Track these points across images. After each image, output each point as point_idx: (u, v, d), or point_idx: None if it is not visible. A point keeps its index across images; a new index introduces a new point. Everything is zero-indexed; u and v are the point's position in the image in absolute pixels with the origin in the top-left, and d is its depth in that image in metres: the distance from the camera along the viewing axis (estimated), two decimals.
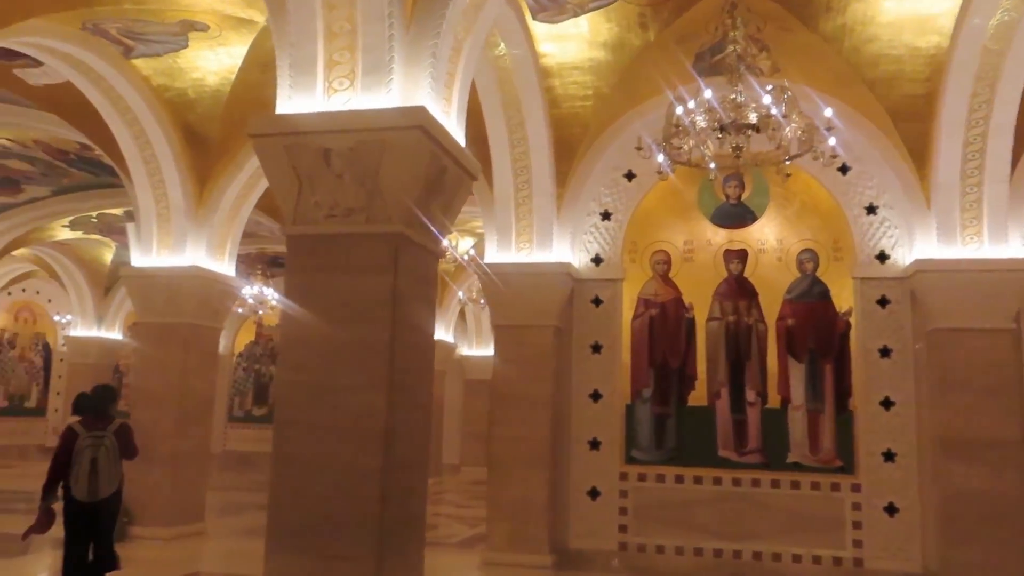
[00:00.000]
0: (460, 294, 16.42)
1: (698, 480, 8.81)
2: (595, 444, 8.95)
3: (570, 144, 9.08)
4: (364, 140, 4.45)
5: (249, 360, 27.48)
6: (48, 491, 6.10)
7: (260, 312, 22.92)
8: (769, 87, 6.38)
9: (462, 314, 22.29)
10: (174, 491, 9.89)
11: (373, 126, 4.44)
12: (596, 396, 9.01)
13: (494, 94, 8.51)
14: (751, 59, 7.66)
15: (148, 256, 10.24)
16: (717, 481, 8.78)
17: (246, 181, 10.55)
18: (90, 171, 14.77)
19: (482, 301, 15.68)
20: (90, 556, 6.27)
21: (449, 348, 19.91)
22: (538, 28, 8.10)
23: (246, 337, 27.55)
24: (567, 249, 9.11)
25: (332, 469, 4.38)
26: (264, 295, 19.93)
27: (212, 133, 9.99)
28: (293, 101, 4.65)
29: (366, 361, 4.42)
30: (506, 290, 8.98)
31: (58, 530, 6.33)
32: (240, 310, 25.85)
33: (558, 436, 8.91)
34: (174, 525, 9.85)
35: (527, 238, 9.13)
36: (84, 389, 6.83)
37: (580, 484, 8.92)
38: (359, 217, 4.54)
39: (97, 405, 6.42)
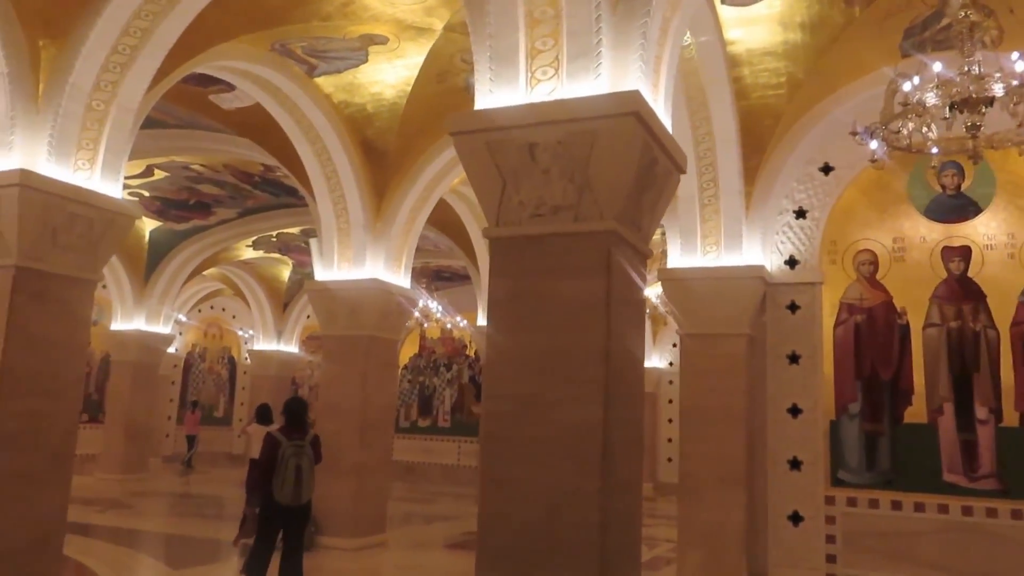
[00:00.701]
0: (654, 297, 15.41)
1: (919, 507, 7.82)
2: (796, 464, 8.17)
3: (759, 137, 8.39)
4: (572, 131, 4.09)
5: (413, 372, 28.19)
6: (254, 496, 6.37)
7: (425, 325, 23.51)
8: (1016, 55, 5.50)
9: None
10: (358, 502, 9.99)
11: (582, 115, 4.07)
12: (795, 411, 8.23)
13: (677, 87, 7.99)
14: (982, 27, 6.71)
15: (330, 270, 10.47)
16: (943, 509, 7.76)
17: (420, 194, 10.59)
18: (272, 192, 15.53)
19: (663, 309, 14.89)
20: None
21: None
22: (726, 12, 7.53)
23: (410, 349, 28.30)
24: (758, 251, 8.41)
25: (545, 491, 4.01)
26: (429, 308, 20.33)
27: (389, 147, 10.09)
28: (494, 95, 4.37)
29: (579, 372, 4.03)
30: (693, 297, 8.40)
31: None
32: (407, 323, 26.74)
33: (754, 454, 8.21)
34: (358, 536, 9.94)
35: (714, 240, 8.51)
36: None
37: (780, 507, 8.16)
38: (567, 215, 4.18)
39: (299, 415, 6.73)
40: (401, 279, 10.78)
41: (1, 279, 6.02)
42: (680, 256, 8.67)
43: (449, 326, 25.87)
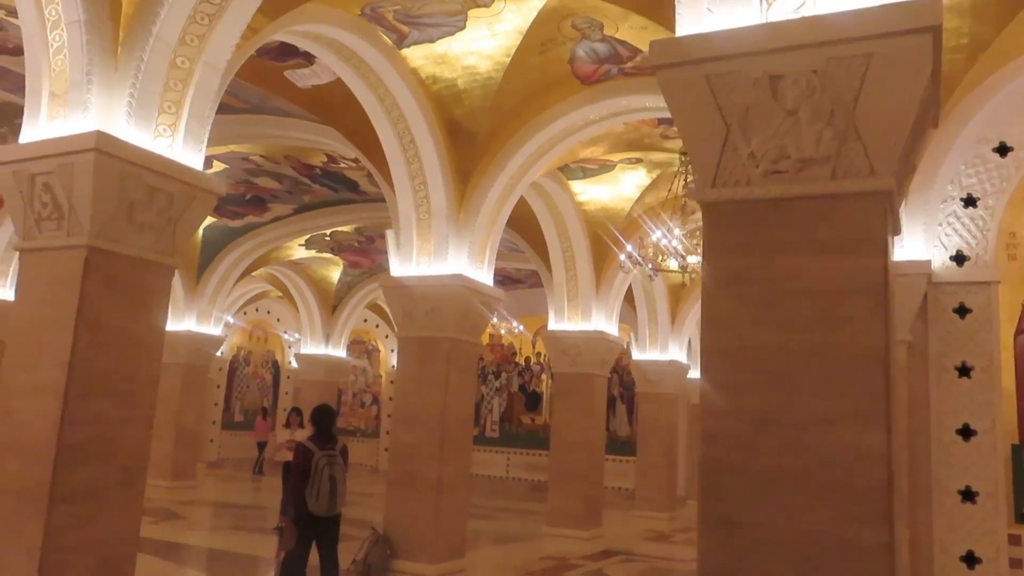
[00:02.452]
0: None
1: None
2: (969, 495, 7.00)
3: None
4: (836, 57, 3.07)
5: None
6: (291, 506, 6.47)
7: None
8: None
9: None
10: (438, 522, 9.01)
11: (854, 35, 3.05)
12: (967, 432, 7.07)
13: None
14: None
15: (408, 265, 9.54)
16: None
17: (508, 182, 9.64)
18: (331, 186, 14.68)
19: None
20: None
21: (683, 369, 18.24)
22: None
23: None
24: (920, 245, 7.30)
25: (797, 543, 2.99)
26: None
27: (479, 128, 9.15)
28: (715, 15, 3.37)
29: (847, 381, 3.01)
30: None
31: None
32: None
33: (915, 482, 7.07)
34: (437, 560, 8.95)
35: None
36: (315, 404, 6.85)
37: (949, 546, 7.00)
38: (820, 171, 3.17)
39: (328, 423, 6.60)
40: (484, 276, 9.82)
41: (71, 262, 5.14)
42: None
43: (504, 332, 25.03)
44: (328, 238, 18.57)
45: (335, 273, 21.55)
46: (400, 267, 9.57)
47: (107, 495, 5.20)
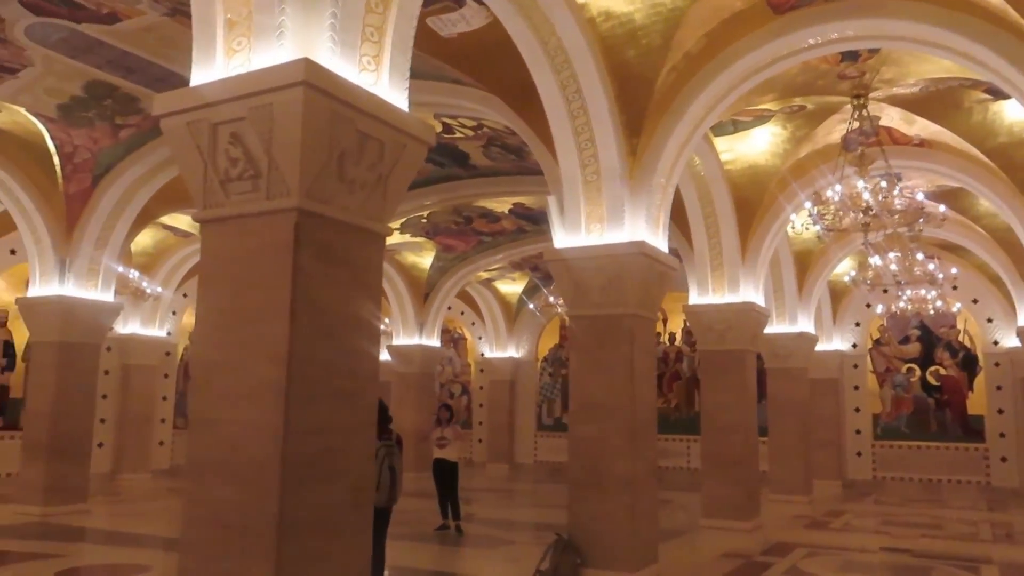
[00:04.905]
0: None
1: None
2: None
3: None
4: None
5: (555, 364, 26.13)
6: None
7: (560, 311, 21.35)
8: None
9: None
10: (633, 524, 7.85)
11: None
12: None
13: None
14: None
15: (575, 234, 8.34)
16: None
17: (686, 133, 8.39)
18: (438, 162, 13.57)
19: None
20: None
21: (812, 341, 16.65)
22: None
23: (549, 340, 26.26)
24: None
25: None
26: None
27: (654, 72, 7.91)
28: None
29: None
30: None
31: None
32: (532, 308, 24.67)
33: None
34: (633, 567, 7.80)
35: None
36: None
37: None
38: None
39: (384, 414, 6.44)
40: (661, 242, 8.58)
41: (277, 230, 4.03)
42: None
43: None
44: (425, 220, 17.53)
45: (426, 259, 20.51)
46: (566, 237, 8.38)
47: (337, 523, 4.11)
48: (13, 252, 15.40)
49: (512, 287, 24.56)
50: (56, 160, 11.35)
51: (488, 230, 18.56)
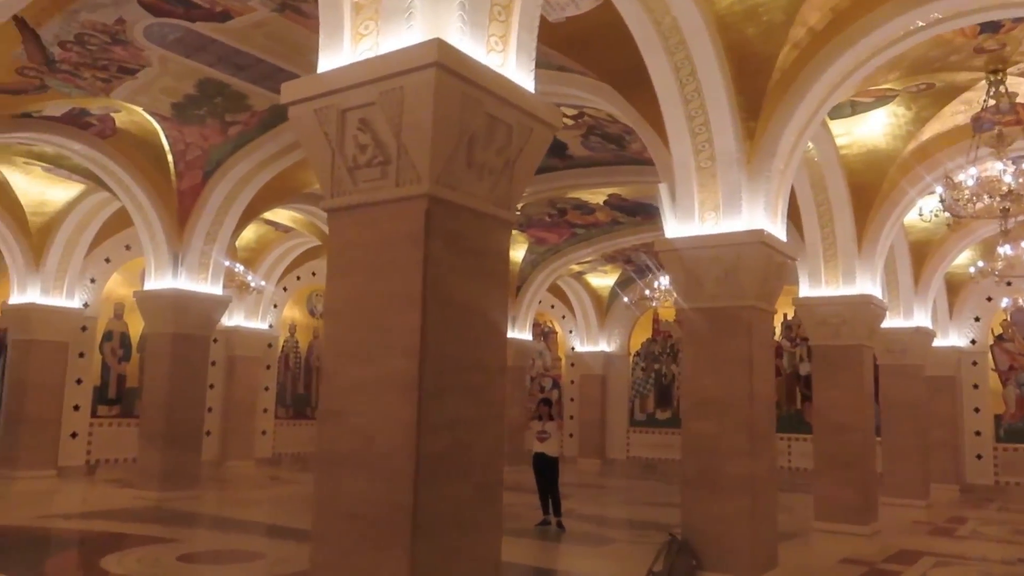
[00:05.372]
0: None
1: None
2: None
3: None
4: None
5: (647, 359, 25.63)
6: None
7: (654, 304, 20.85)
8: None
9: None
10: (753, 526, 7.49)
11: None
12: None
13: None
14: None
15: (688, 223, 8.01)
16: None
17: (807, 115, 7.94)
18: None
19: None
20: None
21: (929, 337, 15.81)
22: None
23: (641, 335, 25.78)
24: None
25: None
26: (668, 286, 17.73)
27: (774, 50, 7.51)
28: None
29: None
30: None
31: None
32: (627, 302, 24.22)
33: None
34: (755, 573, 7.44)
35: None
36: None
37: None
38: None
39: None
40: (779, 230, 8.17)
41: (407, 218, 3.92)
42: None
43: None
44: (518, 212, 17.39)
45: (518, 252, 20.39)
46: (678, 227, 8.07)
47: (468, 519, 3.98)
48: (128, 248, 16.05)
49: (604, 280, 24.22)
50: (170, 157, 11.72)
51: (582, 222, 18.29)
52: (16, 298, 14.77)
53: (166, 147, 11.61)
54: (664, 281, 17.98)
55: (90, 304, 15.74)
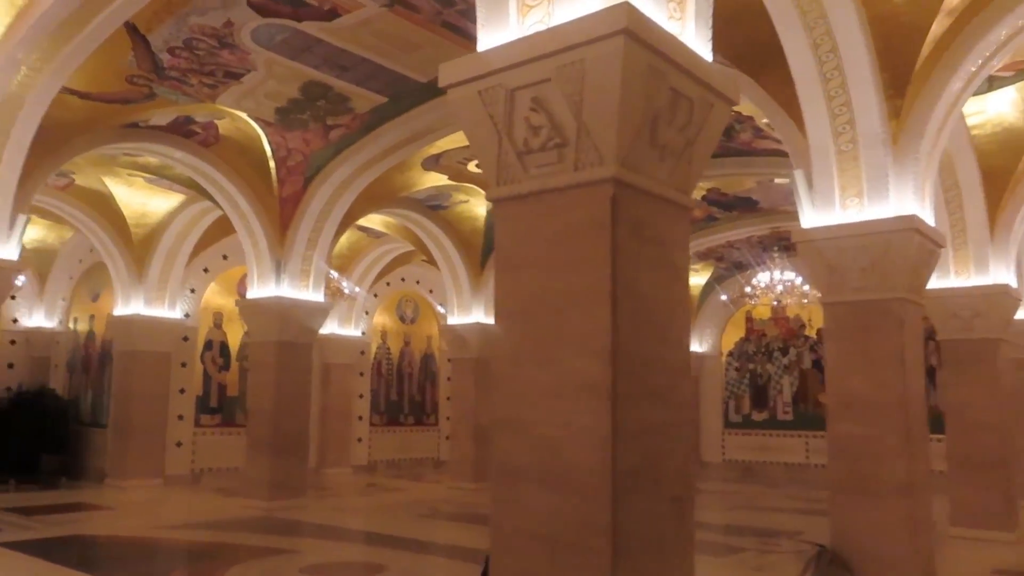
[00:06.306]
0: None
1: None
2: None
3: None
4: None
5: (741, 359, 24.77)
6: None
7: (752, 302, 20.04)
8: None
9: None
10: (912, 536, 6.89)
11: None
12: None
13: None
14: None
15: (829, 211, 7.46)
16: None
17: (956, 91, 7.30)
18: None
19: None
20: None
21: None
22: None
23: (734, 334, 24.95)
24: None
25: None
26: (780, 282, 16.95)
27: (925, 20, 6.91)
28: None
29: None
30: None
31: None
32: (725, 299, 23.41)
33: None
34: None
35: None
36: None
37: None
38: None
39: None
40: (929, 216, 7.54)
41: (590, 203, 3.56)
42: None
43: (779, 303, 22.30)
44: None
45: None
46: (816, 215, 7.52)
47: (663, 538, 3.60)
48: (225, 257, 16.22)
49: (695, 279, 23.52)
50: (272, 164, 11.70)
51: None
52: (120, 309, 15.06)
53: (268, 153, 11.59)
54: (763, 277, 17.21)
55: (190, 314, 15.95)
